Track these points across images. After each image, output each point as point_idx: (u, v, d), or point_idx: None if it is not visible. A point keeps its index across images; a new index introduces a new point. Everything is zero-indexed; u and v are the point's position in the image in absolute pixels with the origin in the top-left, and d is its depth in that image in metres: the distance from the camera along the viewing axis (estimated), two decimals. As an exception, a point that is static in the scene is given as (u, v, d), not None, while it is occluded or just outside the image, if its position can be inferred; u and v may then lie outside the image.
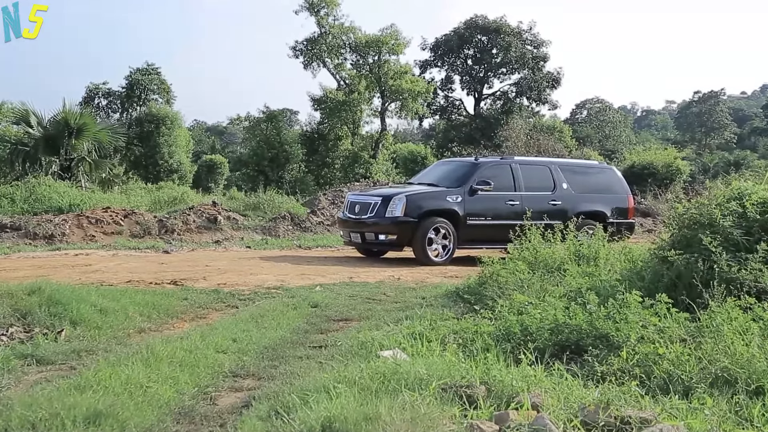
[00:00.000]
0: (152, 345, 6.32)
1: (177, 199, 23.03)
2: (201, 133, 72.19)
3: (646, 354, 5.17)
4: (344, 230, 15.19)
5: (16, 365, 5.88)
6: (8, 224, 15.63)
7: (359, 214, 14.42)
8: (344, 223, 15.05)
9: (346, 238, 15.19)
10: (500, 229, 13.91)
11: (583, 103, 70.27)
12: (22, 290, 7.70)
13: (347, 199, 15.37)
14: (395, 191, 14.64)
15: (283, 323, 7.82)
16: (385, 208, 13.98)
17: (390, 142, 44.40)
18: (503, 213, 14.52)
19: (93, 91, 46.77)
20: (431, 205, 14.21)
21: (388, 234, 14.00)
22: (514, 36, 49.86)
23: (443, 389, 4.50)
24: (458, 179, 14.84)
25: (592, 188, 16.02)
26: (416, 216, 13.86)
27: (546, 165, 16.12)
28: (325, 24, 41.65)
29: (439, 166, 17.21)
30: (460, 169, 15.49)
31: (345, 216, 14.97)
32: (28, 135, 24.23)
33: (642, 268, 7.71)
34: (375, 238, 14.21)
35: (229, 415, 4.76)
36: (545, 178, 15.49)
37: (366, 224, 14.23)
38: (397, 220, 13.84)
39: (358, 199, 14.89)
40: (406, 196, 14.05)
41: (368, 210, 14.25)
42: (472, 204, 14.37)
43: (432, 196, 14.43)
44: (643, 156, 34.96)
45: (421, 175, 16.94)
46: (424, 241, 13.86)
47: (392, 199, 13.99)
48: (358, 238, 14.47)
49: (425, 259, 13.88)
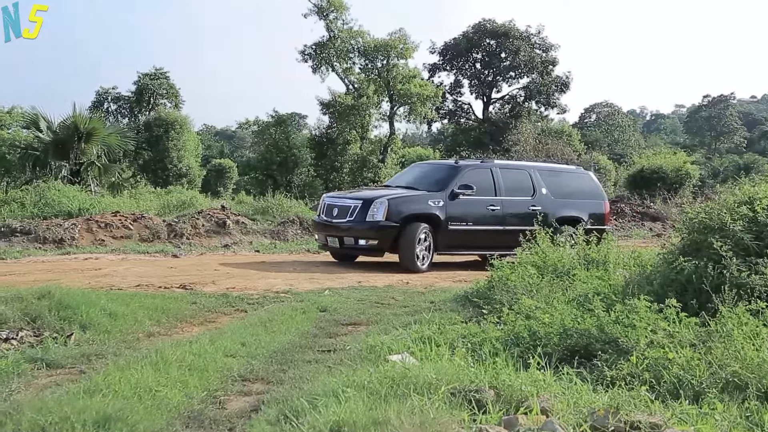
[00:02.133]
0: (161, 349, 6.34)
1: (186, 203, 23.05)
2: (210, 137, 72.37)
3: (656, 359, 5.16)
4: (320, 234, 14.57)
5: (26, 369, 5.90)
6: (18, 228, 15.67)
7: (337, 218, 13.78)
8: (320, 226, 14.40)
9: (321, 241, 14.59)
10: (481, 235, 14.17)
11: (592, 107, 70.21)
12: (32, 294, 7.72)
13: (323, 202, 14.67)
14: (376, 194, 14.05)
15: (292, 327, 7.82)
16: (365, 211, 13.38)
17: (399, 146, 44.41)
18: (484, 218, 14.25)
19: (102, 95, 47.02)
20: (413, 209, 13.65)
21: (368, 239, 13.41)
22: (523, 40, 49.83)
23: (452, 393, 4.49)
24: (439, 183, 14.34)
25: (570, 193, 15.71)
26: (398, 220, 13.31)
27: (525, 169, 15.72)
28: (334, 28, 41.68)
29: (417, 169, 16.70)
30: (441, 172, 15.02)
31: (321, 219, 14.35)
32: (38, 139, 24.28)
33: (651, 272, 7.68)
34: (354, 243, 13.60)
35: (238, 419, 4.77)
36: (525, 182, 15.15)
37: (345, 228, 13.63)
38: (378, 225, 13.26)
39: (335, 202, 14.19)
40: (388, 199, 13.47)
41: (347, 213, 13.61)
42: (453, 208, 13.90)
43: (414, 199, 13.87)
44: (653, 160, 34.83)
45: (398, 178, 16.49)
46: (412, 246, 13.34)
47: (373, 203, 13.40)
48: (336, 242, 13.85)
49: (412, 265, 13.34)
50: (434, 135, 62.83)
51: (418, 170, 16.18)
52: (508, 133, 39.64)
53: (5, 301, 7.45)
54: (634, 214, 26.15)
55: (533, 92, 50.72)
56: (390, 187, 15.18)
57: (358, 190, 16.62)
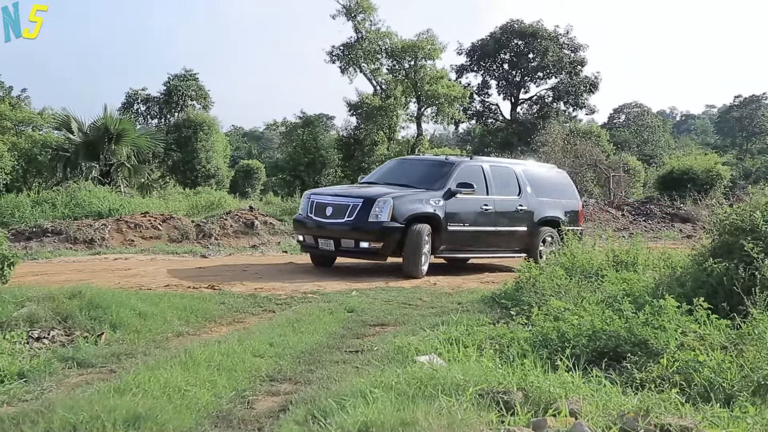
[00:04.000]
0: (190, 349, 6.38)
1: (214, 204, 23.19)
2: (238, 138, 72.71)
3: (687, 361, 5.11)
4: (306, 235, 13.04)
5: (57, 368, 5.96)
6: (50, 229, 15.84)
7: (333, 218, 12.49)
8: (308, 226, 12.94)
9: (308, 242, 13.05)
10: (476, 236, 13.49)
11: (621, 108, 69.69)
12: (63, 294, 7.80)
13: (309, 200, 13.16)
14: (376, 192, 12.73)
15: (320, 328, 7.83)
16: (367, 211, 12.18)
17: (426, 147, 44.32)
18: (479, 219, 13.46)
19: (132, 96, 47.41)
20: (417, 208, 12.51)
21: (371, 241, 12.23)
22: (551, 40, 49.66)
23: (480, 395, 4.48)
24: (434, 180, 13.30)
25: (550, 193, 15.06)
26: (403, 221, 12.21)
27: (511, 167, 14.98)
28: (362, 29, 41.73)
29: (403, 165, 15.30)
30: (435, 169, 13.94)
31: (307, 218, 12.93)
32: (69, 141, 24.54)
33: (682, 274, 7.62)
34: (354, 245, 12.37)
35: (266, 419, 4.78)
36: (512, 181, 14.40)
37: (343, 229, 12.40)
38: (382, 226, 12.10)
39: (328, 200, 12.81)
40: (393, 198, 12.29)
41: (345, 213, 12.36)
42: (451, 208, 12.91)
43: (417, 199, 12.65)
44: (683, 161, 34.55)
45: (380, 174, 14.84)
46: (418, 249, 12.31)
47: (376, 201, 12.21)
48: (330, 244, 12.54)
49: (416, 270, 12.32)
50: (461, 136, 62.74)
51: (406, 166, 14.99)
52: (536, 134, 39.42)
53: (37, 300, 7.53)
54: (664, 216, 25.91)
55: (561, 93, 50.53)
56: (375, 185, 13.76)
57: (347, 187, 15.04)
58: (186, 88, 46.10)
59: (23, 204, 17.89)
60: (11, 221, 16.70)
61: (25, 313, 7.19)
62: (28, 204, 18.02)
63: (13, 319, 6.99)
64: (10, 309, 7.13)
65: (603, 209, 25.70)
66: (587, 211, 24.44)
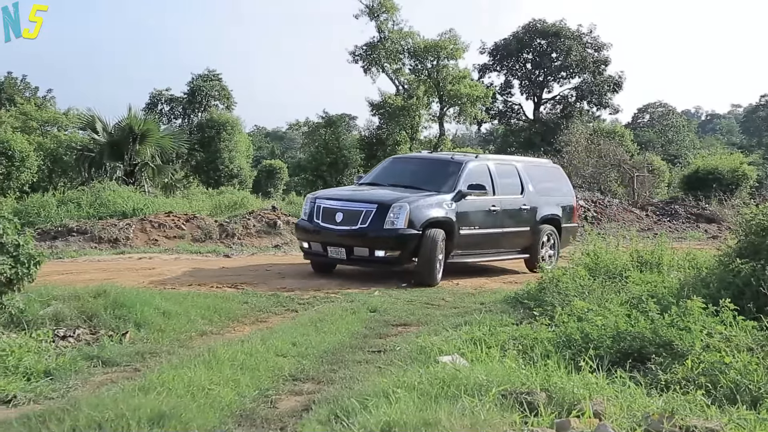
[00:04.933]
0: (214, 348, 6.42)
1: (237, 203, 23.23)
2: (261, 138, 72.86)
3: (712, 363, 5.07)
4: (313, 242, 12.17)
5: (83, 366, 6.02)
6: (75, 228, 15.96)
7: (344, 224, 11.65)
8: (315, 233, 12.10)
9: (315, 250, 12.16)
10: (485, 239, 12.84)
11: (645, 107, 69.06)
12: (88, 293, 7.88)
13: (314, 204, 12.23)
14: (389, 196, 11.93)
15: (342, 328, 7.85)
16: (382, 217, 11.44)
17: (448, 147, 44.18)
18: (487, 220, 12.77)
19: (156, 97, 47.66)
20: (433, 214, 11.80)
21: (387, 250, 11.52)
22: (574, 39, 49.39)
23: (503, 395, 4.47)
24: (441, 181, 12.58)
25: (549, 190, 14.35)
26: (420, 227, 11.50)
27: (513, 164, 14.25)
28: (385, 29, 41.69)
29: (404, 164, 14.43)
30: (441, 168, 13.15)
31: (313, 224, 12.07)
32: (94, 141, 24.70)
33: (707, 275, 7.57)
34: (370, 254, 11.61)
35: (289, 419, 4.80)
36: (515, 179, 13.65)
37: (355, 237, 11.57)
38: (398, 233, 11.37)
39: (337, 206, 11.96)
40: (409, 203, 11.55)
41: (358, 219, 11.54)
42: (463, 211, 12.22)
43: (431, 203, 11.91)
44: (708, 161, 34.23)
45: (379, 174, 13.88)
46: (434, 256, 11.57)
47: (392, 207, 11.46)
48: (341, 252, 11.70)
49: (431, 278, 11.59)
50: (484, 136, 62.56)
51: (408, 166, 14.19)
52: (559, 134, 39.25)
53: (63, 299, 7.61)
54: (689, 216, 25.70)
55: (585, 92, 50.26)
56: (380, 186, 12.98)
57: (352, 189, 13.72)
58: (209, 89, 46.27)
59: (49, 204, 18.03)
60: (37, 221, 16.83)
61: (51, 311, 7.27)
62: (54, 204, 18.15)
63: (40, 318, 7.07)
64: (36, 308, 7.21)
65: (627, 209, 25.53)
66: (611, 211, 24.34)
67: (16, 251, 6.94)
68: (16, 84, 44.21)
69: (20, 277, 6.94)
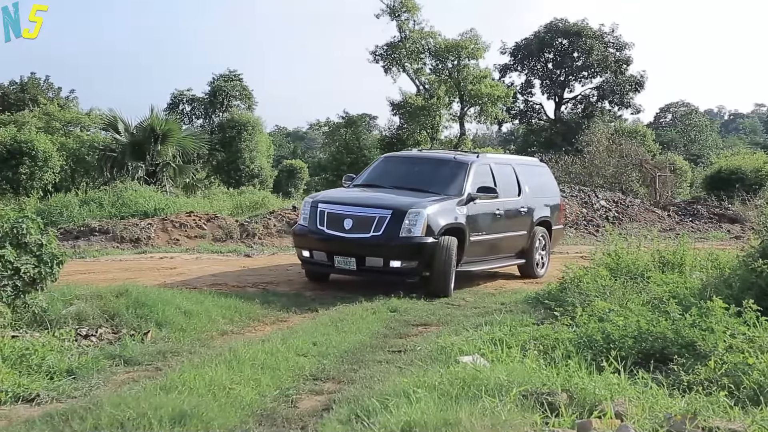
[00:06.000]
0: (235, 347, 6.45)
1: (258, 203, 23.31)
2: (281, 138, 73.09)
3: (735, 363, 5.04)
4: (316, 250, 10.97)
5: (105, 365, 6.07)
6: (97, 228, 16.08)
7: (354, 232, 10.51)
8: (317, 241, 10.91)
9: (319, 259, 10.96)
10: (492, 246, 12.02)
11: (667, 107, 68.67)
12: (110, 292, 7.94)
13: (316, 209, 10.97)
14: (404, 201, 10.79)
15: (363, 327, 7.87)
16: (398, 224, 10.36)
17: (469, 147, 44.11)
18: (493, 225, 11.88)
19: (177, 97, 47.91)
20: (449, 220, 10.82)
21: (404, 260, 10.46)
22: (596, 39, 49.16)
23: (524, 396, 4.46)
24: (447, 183, 11.62)
25: (540, 189, 13.47)
26: (436, 235, 10.46)
27: (510, 164, 13.36)
28: (406, 29, 41.66)
29: (403, 164, 13.10)
30: (445, 169, 12.12)
31: (317, 231, 10.85)
32: (116, 141, 24.87)
33: (730, 275, 7.52)
34: (384, 264, 10.49)
35: (309, 418, 4.81)
36: (512, 180, 12.72)
37: (369, 246, 10.47)
38: (414, 241, 10.35)
39: (345, 211, 10.78)
40: (425, 208, 10.55)
41: (371, 226, 10.44)
42: (472, 216, 11.27)
43: (446, 208, 10.94)
44: (731, 161, 33.97)
45: (374, 176, 12.63)
46: (450, 265, 10.57)
47: (407, 214, 10.39)
48: (352, 263, 10.56)
49: (446, 287, 10.59)
50: (505, 136, 62.43)
51: (407, 166, 12.90)
52: (580, 134, 39.00)
53: (85, 298, 7.67)
54: (711, 216, 25.48)
55: (606, 92, 50.01)
56: (382, 188, 11.89)
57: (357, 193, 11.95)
58: (230, 89, 46.44)
59: (71, 203, 18.18)
60: (60, 220, 16.97)
61: (73, 311, 7.32)
62: (76, 203, 18.30)
63: (62, 317, 7.13)
64: (59, 307, 7.27)
65: (649, 209, 25.36)
66: (633, 211, 24.18)
67: (39, 251, 7.01)
68: (40, 84, 44.51)
69: (43, 276, 7.00)
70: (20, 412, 4.90)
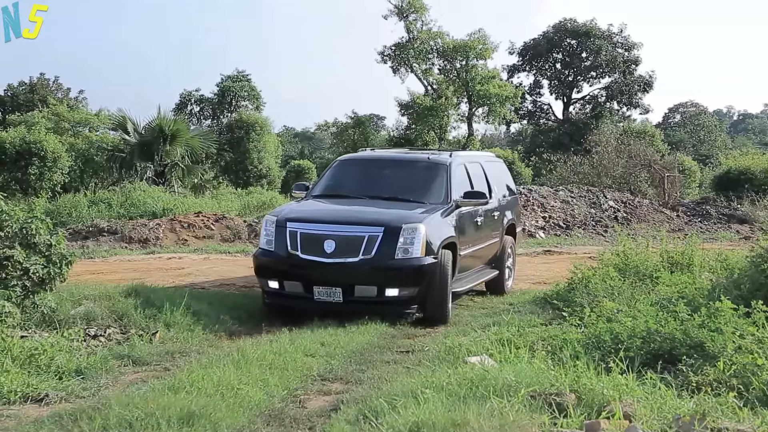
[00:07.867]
0: (243, 348, 6.47)
1: (266, 203, 23.32)
2: (289, 138, 73.15)
3: (744, 364, 5.02)
4: (288, 280, 8.88)
5: (113, 365, 6.09)
6: (106, 228, 16.13)
7: (338, 255, 8.57)
8: (288, 268, 8.87)
9: (292, 291, 8.85)
10: (475, 259, 10.37)
11: (676, 107, 68.52)
12: (118, 292, 7.96)
13: (283, 228, 8.88)
14: (395, 215, 9.00)
15: (370, 327, 7.87)
16: (392, 243, 8.53)
17: (477, 147, 44.07)
18: (476, 235, 10.24)
19: (186, 97, 47.98)
20: (446, 234, 9.08)
21: (402, 286, 8.65)
22: (605, 39, 49.11)
23: (532, 396, 4.45)
24: (426, 189, 9.86)
25: (505, 189, 11.96)
26: (436, 253, 8.67)
27: (479, 162, 11.40)
28: (414, 29, 41.66)
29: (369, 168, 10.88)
30: (422, 172, 10.29)
31: (287, 256, 8.79)
32: (125, 141, 24.93)
33: (739, 276, 7.48)
34: (378, 294, 8.63)
35: (317, 419, 4.82)
36: (483, 180, 10.86)
37: (358, 272, 8.58)
38: (413, 263, 8.53)
39: (324, 230, 8.79)
40: (421, 222, 8.76)
41: (360, 248, 8.53)
42: (460, 225, 9.56)
43: (441, 221, 9.14)
44: (740, 161, 33.78)
45: (334, 182, 10.53)
46: (445, 285, 8.80)
47: (402, 231, 8.56)
48: (336, 294, 8.58)
49: (443, 311, 8.84)
50: (513, 136, 62.41)
51: (370, 170, 10.77)
52: (588, 134, 38.93)
53: (94, 299, 7.69)
54: (720, 216, 25.36)
55: (615, 92, 49.96)
56: (351, 199, 9.94)
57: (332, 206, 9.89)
58: (238, 89, 46.49)
59: (80, 204, 18.24)
60: (69, 221, 17.03)
61: (82, 311, 7.35)
62: (85, 204, 18.36)
63: (71, 317, 7.16)
64: (68, 307, 7.29)
65: (657, 210, 25.26)
66: (641, 212, 24.10)
67: (48, 251, 7.03)
68: (49, 85, 44.73)
69: (52, 276, 7.03)
70: (29, 412, 4.92)
